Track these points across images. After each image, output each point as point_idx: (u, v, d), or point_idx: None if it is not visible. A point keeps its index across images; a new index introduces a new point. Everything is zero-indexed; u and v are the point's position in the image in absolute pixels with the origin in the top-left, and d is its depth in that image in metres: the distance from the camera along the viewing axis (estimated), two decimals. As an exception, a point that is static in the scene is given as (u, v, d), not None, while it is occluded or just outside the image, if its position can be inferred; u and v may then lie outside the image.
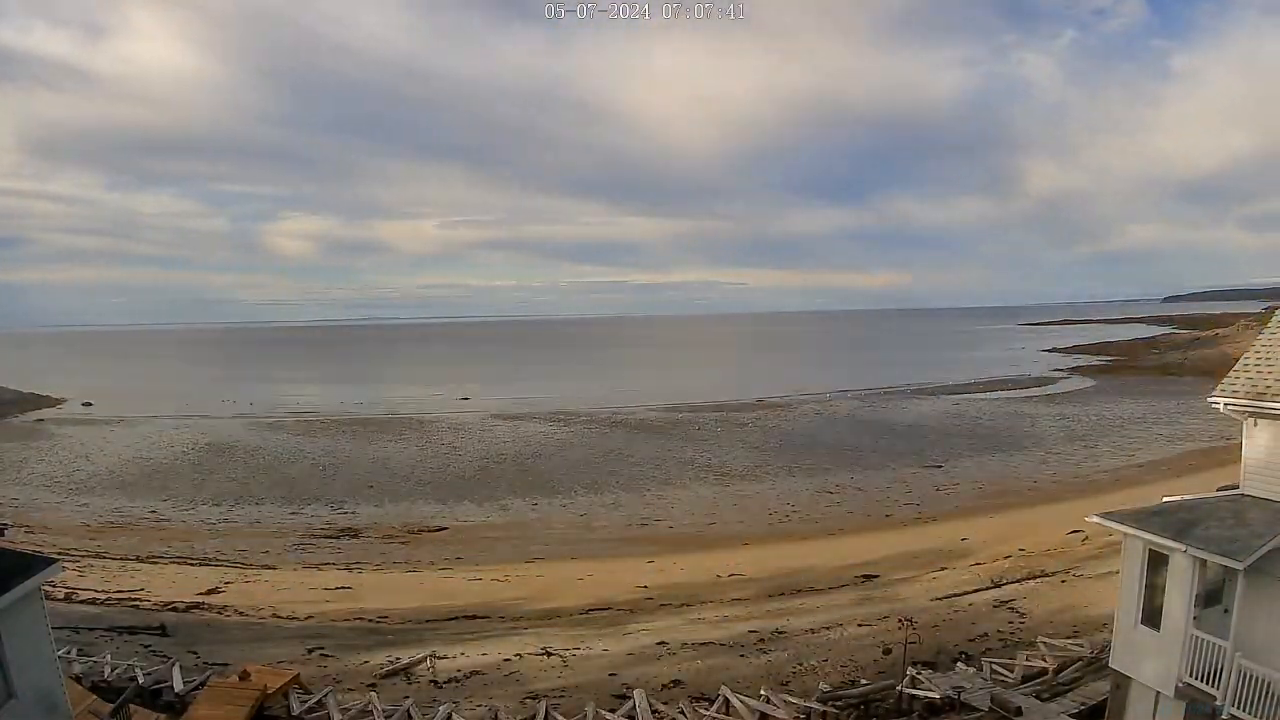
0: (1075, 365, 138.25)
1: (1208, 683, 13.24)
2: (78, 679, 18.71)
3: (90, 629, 25.41)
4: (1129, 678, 15.25)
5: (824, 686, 20.27)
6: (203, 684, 19.79)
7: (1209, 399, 15.29)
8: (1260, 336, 15.72)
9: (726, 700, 19.76)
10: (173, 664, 21.24)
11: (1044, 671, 19.85)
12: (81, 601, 29.14)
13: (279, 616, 28.92)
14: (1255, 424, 14.46)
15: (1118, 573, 15.57)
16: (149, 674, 20.38)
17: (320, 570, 36.92)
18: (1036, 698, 18.10)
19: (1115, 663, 15.69)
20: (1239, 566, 12.38)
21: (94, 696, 17.26)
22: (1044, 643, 22.11)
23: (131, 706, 17.75)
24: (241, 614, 29.08)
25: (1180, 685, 13.75)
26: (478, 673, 22.96)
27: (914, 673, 19.93)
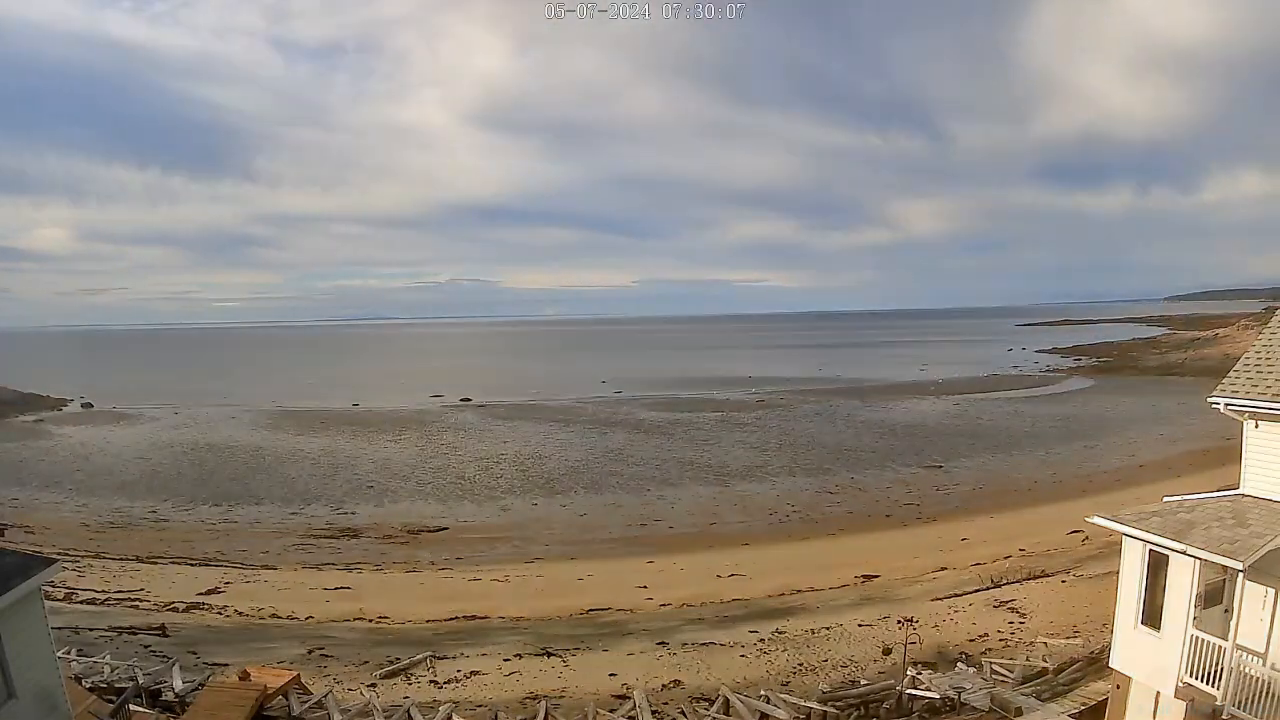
0: (1075, 365, 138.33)
1: (1208, 683, 13.25)
2: (78, 679, 18.71)
3: (90, 629, 25.40)
4: (1129, 678, 15.25)
5: (824, 686, 20.27)
6: (203, 684, 19.78)
7: (1209, 399, 15.27)
8: (1260, 336, 15.72)
9: (726, 700, 19.76)
10: (173, 664, 21.23)
11: (1044, 671, 19.85)
12: (81, 601, 29.16)
13: (279, 616, 28.93)
14: (1255, 424, 14.45)
15: (1118, 573, 15.56)
16: (149, 674, 20.36)
17: (320, 570, 36.93)
18: (1036, 698, 18.09)
19: (1115, 663, 15.70)
20: (1239, 567, 12.36)
21: (94, 696, 17.27)
22: (1044, 643, 22.15)
23: (131, 706, 17.77)
24: (241, 614, 29.09)
25: (1180, 685, 13.75)
26: (478, 673, 22.96)
27: (914, 673, 19.94)
